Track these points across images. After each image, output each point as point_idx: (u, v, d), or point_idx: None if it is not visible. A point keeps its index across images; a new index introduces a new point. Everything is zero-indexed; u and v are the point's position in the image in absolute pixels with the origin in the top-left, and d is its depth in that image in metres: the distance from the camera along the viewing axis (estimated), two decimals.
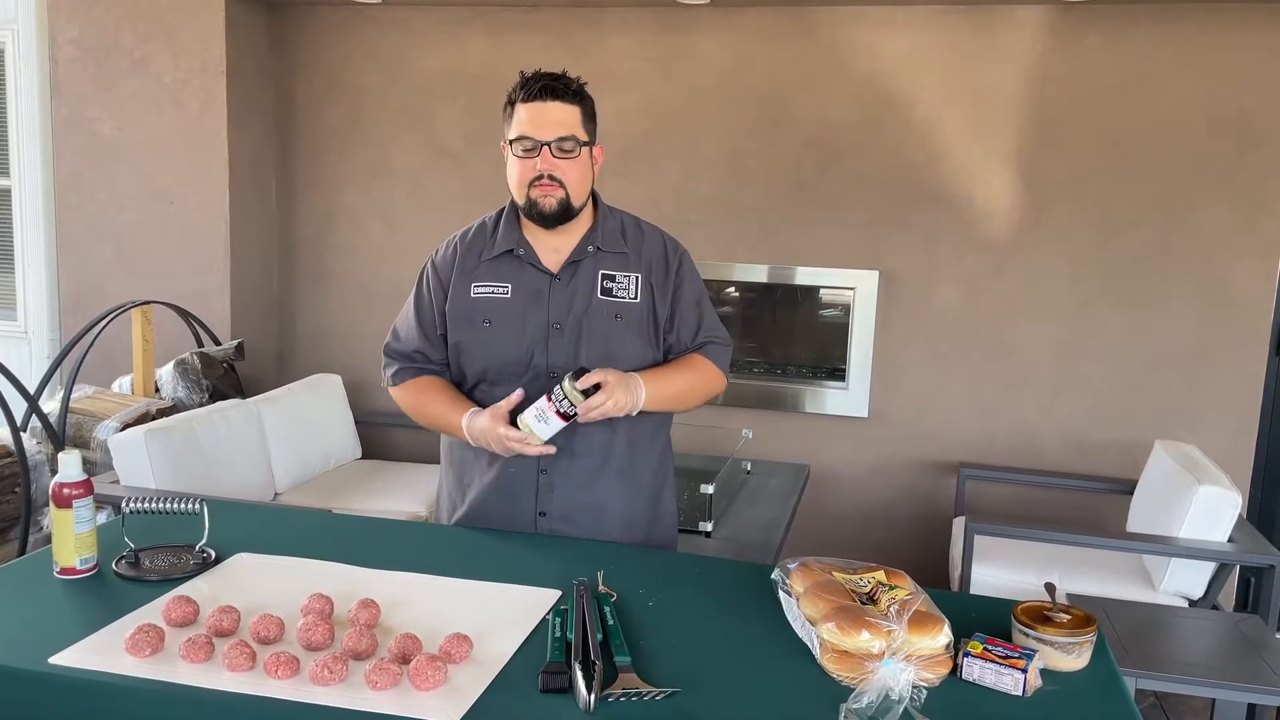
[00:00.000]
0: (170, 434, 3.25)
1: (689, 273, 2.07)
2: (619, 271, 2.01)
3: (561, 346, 1.97)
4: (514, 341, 1.98)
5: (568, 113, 1.92)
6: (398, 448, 4.46)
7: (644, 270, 2.02)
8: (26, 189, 4.56)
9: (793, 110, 3.98)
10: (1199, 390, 3.77)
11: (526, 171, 1.91)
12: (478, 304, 2.00)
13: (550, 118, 1.90)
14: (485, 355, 2.00)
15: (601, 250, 2.00)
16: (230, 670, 1.39)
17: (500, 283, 2.00)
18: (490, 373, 2.00)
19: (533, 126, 1.90)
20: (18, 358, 4.63)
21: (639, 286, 2.01)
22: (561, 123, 1.91)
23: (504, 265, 2.01)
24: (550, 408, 1.83)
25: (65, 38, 4.27)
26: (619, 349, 1.98)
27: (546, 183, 1.90)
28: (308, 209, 4.50)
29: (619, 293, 1.99)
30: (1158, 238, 3.74)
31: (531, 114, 1.90)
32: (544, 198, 1.92)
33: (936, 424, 4.01)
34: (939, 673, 1.45)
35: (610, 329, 1.98)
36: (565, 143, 1.91)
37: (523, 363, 1.98)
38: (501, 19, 4.16)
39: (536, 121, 1.90)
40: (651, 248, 2.05)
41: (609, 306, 1.99)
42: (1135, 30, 3.66)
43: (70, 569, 1.72)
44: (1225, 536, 3.04)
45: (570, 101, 1.92)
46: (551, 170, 1.90)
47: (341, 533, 2.05)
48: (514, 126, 1.93)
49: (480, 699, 1.36)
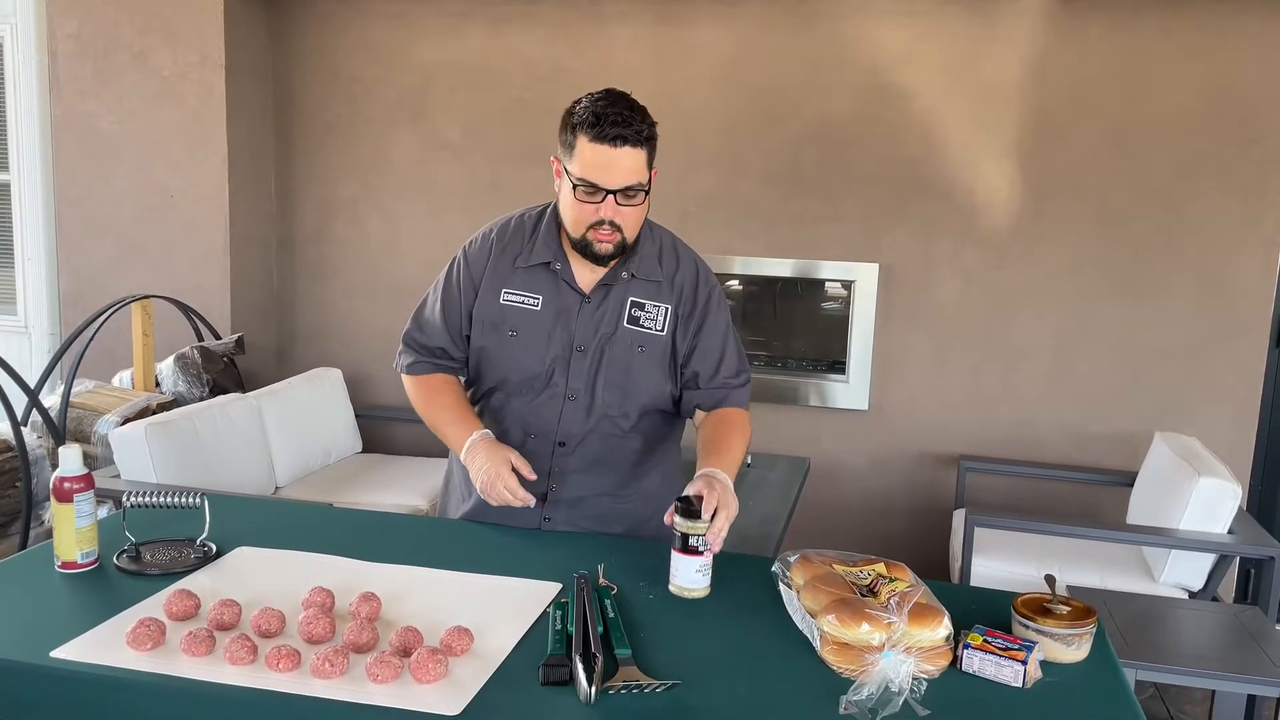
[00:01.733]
0: (170, 428, 3.25)
1: (717, 306, 1.99)
2: (649, 300, 1.94)
3: (582, 370, 1.94)
4: (537, 357, 1.94)
5: (637, 158, 1.79)
6: (398, 442, 4.46)
7: (674, 300, 1.96)
8: (26, 184, 4.56)
9: (792, 103, 3.98)
10: (1199, 382, 3.77)
11: (586, 214, 1.81)
12: (506, 312, 1.95)
13: (621, 164, 1.77)
14: (507, 366, 1.96)
15: (635, 278, 1.94)
16: (231, 664, 1.40)
17: (532, 294, 1.94)
18: (509, 384, 1.98)
19: (599, 173, 1.77)
20: (18, 352, 4.63)
21: (667, 319, 1.95)
22: (630, 170, 1.78)
23: (538, 276, 1.94)
24: (684, 556, 1.67)
25: (64, 32, 4.26)
26: (639, 380, 1.95)
27: (607, 230, 1.82)
28: (307, 202, 4.50)
29: (646, 322, 1.94)
30: (1158, 230, 3.74)
31: (599, 158, 1.76)
32: (601, 243, 1.83)
33: (936, 417, 4.01)
34: (939, 665, 1.45)
35: (632, 359, 1.94)
36: (631, 191, 1.80)
37: (542, 379, 1.95)
38: (500, 11, 4.15)
39: (604, 167, 1.77)
40: (685, 275, 1.98)
41: (633, 336, 1.94)
42: (1136, 22, 3.65)
43: (71, 563, 1.72)
44: (1225, 528, 3.04)
45: (641, 146, 1.79)
46: (614, 217, 1.81)
47: (342, 526, 2.05)
48: (576, 162, 1.79)
49: (481, 692, 1.36)
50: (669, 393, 2.01)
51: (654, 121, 1.82)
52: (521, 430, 1.99)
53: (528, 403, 1.97)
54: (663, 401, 2.01)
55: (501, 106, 4.21)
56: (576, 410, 1.96)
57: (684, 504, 1.65)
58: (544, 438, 1.98)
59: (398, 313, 4.41)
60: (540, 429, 1.98)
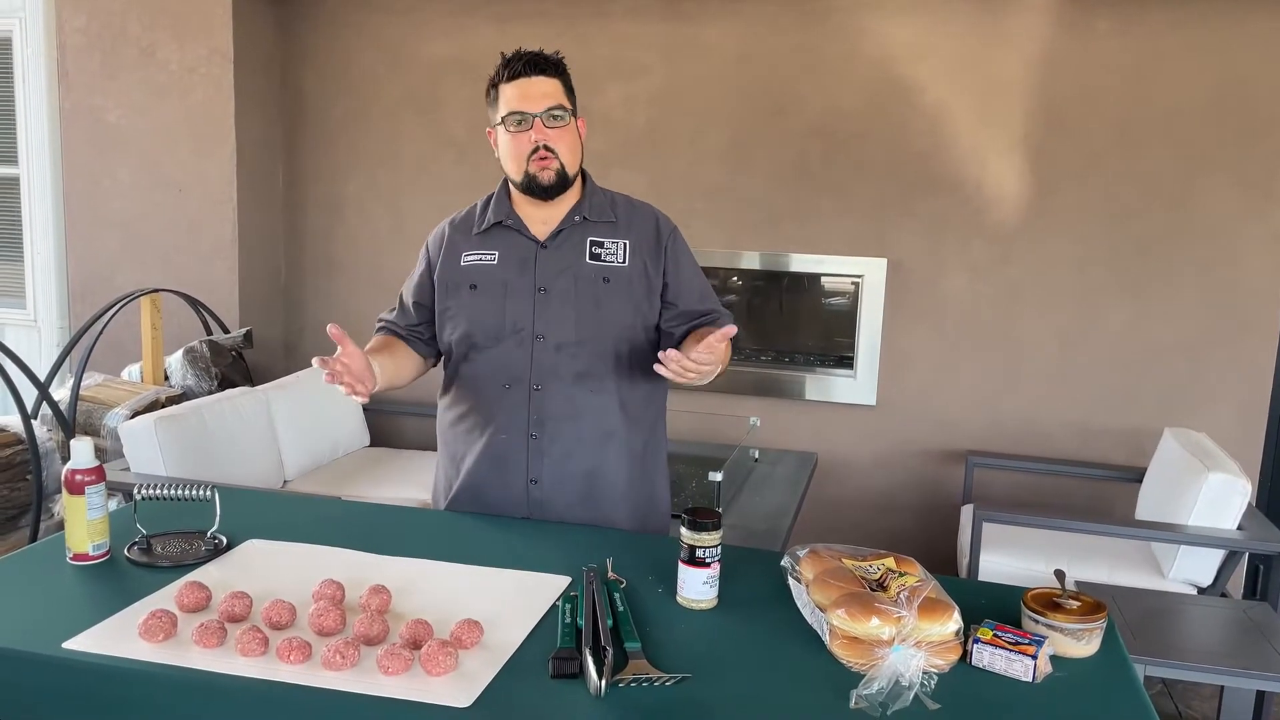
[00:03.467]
0: (180, 422, 3.26)
1: (684, 247, 2.11)
2: (607, 239, 2.05)
3: (547, 309, 2.00)
4: (498, 306, 2.02)
5: (552, 85, 1.97)
6: (405, 435, 4.47)
7: (632, 238, 2.05)
8: (34, 177, 4.57)
9: (799, 98, 3.97)
10: (1208, 377, 3.76)
11: (522, 145, 1.96)
12: (466, 271, 2.06)
13: (537, 90, 1.95)
14: (469, 319, 2.04)
15: (589, 220, 2.05)
16: (243, 655, 1.40)
17: (488, 250, 2.06)
18: (475, 336, 2.04)
19: (521, 101, 1.95)
20: (27, 346, 4.64)
21: (627, 252, 2.04)
22: (548, 94, 1.96)
23: (493, 236, 2.07)
24: (691, 569, 1.65)
25: (72, 26, 4.27)
26: (607, 312, 2.01)
27: (543, 154, 1.95)
28: (315, 197, 4.50)
29: (606, 257, 2.03)
30: (1166, 225, 3.73)
31: (519, 90, 1.95)
32: (542, 170, 1.96)
33: (944, 412, 4.01)
34: (949, 659, 1.45)
35: (600, 291, 2.01)
36: (555, 111, 1.95)
37: (508, 327, 2.01)
38: (508, 7, 4.15)
39: (525, 96, 1.95)
40: (642, 220, 2.09)
41: (597, 270, 2.02)
42: (1144, 16, 3.64)
43: (83, 555, 1.73)
44: (1234, 524, 3.03)
45: (553, 75, 1.98)
46: (546, 140, 1.95)
47: (351, 519, 2.05)
48: (502, 105, 1.98)
49: (491, 684, 1.36)
50: (640, 328, 2.04)
51: (562, 57, 2.01)
52: (496, 381, 2.03)
53: (497, 353, 2.02)
54: (635, 337, 2.04)
55: None
56: (546, 350, 2.00)
57: (691, 517, 1.65)
58: (519, 384, 2.02)
59: None
60: (514, 375, 2.02)
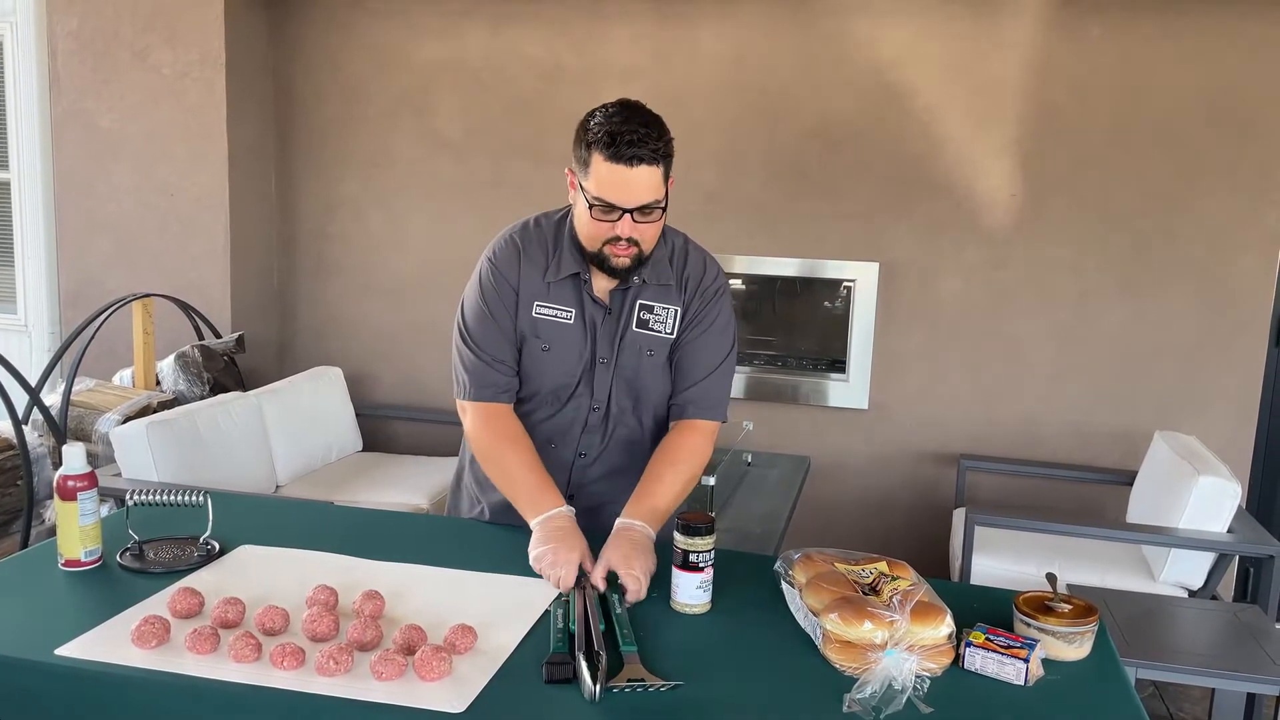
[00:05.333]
0: (172, 426, 3.25)
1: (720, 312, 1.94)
2: (658, 303, 1.91)
3: (605, 381, 1.94)
4: (568, 370, 1.93)
5: (654, 176, 1.74)
6: (398, 440, 4.46)
7: (683, 301, 1.92)
8: (26, 182, 4.56)
9: (793, 101, 3.98)
10: (1199, 381, 3.77)
11: (602, 231, 1.78)
12: (539, 325, 1.91)
13: (637, 183, 1.73)
14: (539, 378, 1.94)
15: (648, 283, 1.90)
16: (236, 661, 1.40)
17: (564, 307, 1.90)
18: (538, 396, 1.96)
19: (615, 191, 1.73)
20: (18, 351, 4.63)
21: (676, 321, 1.92)
22: (648, 188, 1.74)
23: (567, 288, 1.91)
24: (685, 573, 1.64)
25: (64, 30, 4.25)
26: (647, 383, 1.95)
27: (624, 245, 1.79)
28: (307, 201, 4.49)
29: (655, 325, 1.92)
30: (1158, 228, 3.74)
31: (615, 177, 1.72)
32: (618, 258, 1.81)
33: (937, 415, 4.02)
34: (941, 663, 1.46)
35: (640, 363, 1.93)
36: (648, 209, 1.77)
37: (569, 391, 1.94)
38: (501, 10, 4.15)
39: (620, 186, 1.73)
40: (692, 271, 1.94)
41: (642, 340, 1.92)
42: (1137, 21, 3.66)
43: (75, 561, 1.72)
44: (1225, 527, 3.05)
45: (658, 164, 1.74)
46: (630, 234, 1.78)
47: (345, 525, 2.05)
48: (592, 180, 1.75)
49: (485, 689, 1.37)
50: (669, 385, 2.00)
51: (670, 136, 1.78)
52: (540, 435, 1.97)
53: (552, 413, 1.96)
54: (668, 392, 2.00)
55: (503, 105, 4.20)
56: (596, 420, 1.97)
57: (683, 522, 1.65)
58: (566, 447, 1.98)
59: (398, 311, 4.46)
60: (562, 439, 1.98)
